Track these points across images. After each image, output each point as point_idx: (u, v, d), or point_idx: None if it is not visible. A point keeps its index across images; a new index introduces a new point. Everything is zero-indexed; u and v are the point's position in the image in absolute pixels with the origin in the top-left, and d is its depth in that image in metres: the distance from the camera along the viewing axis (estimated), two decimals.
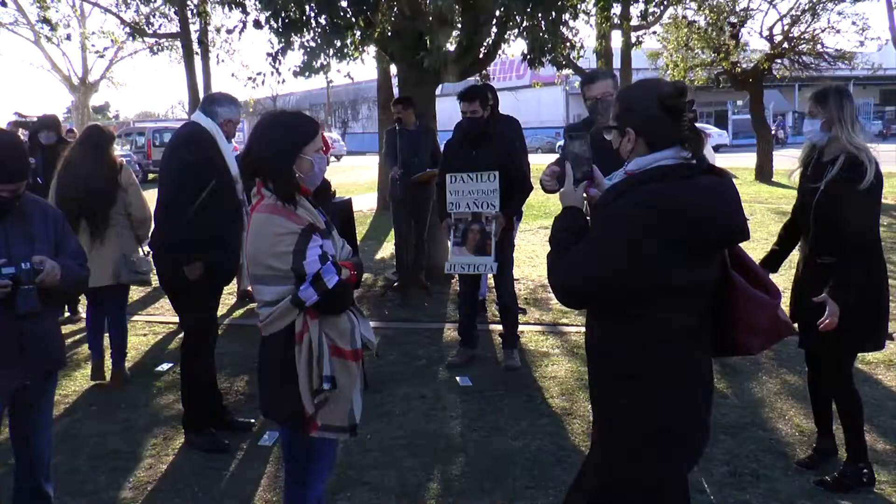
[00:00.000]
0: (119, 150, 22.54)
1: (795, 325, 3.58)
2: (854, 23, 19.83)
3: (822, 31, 20.24)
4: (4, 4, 13.20)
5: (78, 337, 6.58)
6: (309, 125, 2.65)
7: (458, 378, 5.32)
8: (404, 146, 7.36)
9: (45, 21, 14.03)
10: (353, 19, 8.02)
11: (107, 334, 5.45)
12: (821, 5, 19.70)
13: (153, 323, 7.08)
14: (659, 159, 2.18)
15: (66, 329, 6.48)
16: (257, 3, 8.01)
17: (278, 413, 2.73)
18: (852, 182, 3.34)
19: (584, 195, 2.41)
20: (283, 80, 11.00)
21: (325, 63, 8.01)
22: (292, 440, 2.74)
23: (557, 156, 4.81)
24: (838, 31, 19.99)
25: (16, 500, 3.12)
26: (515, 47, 10.69)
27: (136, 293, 7.79)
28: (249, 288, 6.70)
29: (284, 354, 2.56)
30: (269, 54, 8.38)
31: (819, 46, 20.70)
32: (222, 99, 4.33)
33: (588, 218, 2.41)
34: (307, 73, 8.07)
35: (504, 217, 5.33)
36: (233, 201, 4.20)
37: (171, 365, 5.73)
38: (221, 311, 6.84)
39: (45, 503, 3.13)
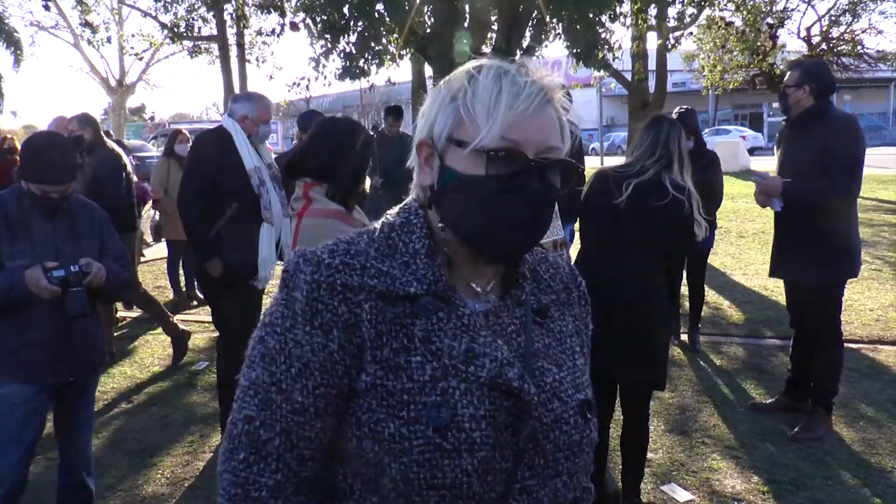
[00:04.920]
0: (154, 151, 22.98)
1: None
2: None
3: (863, 31, 19.95)
4: (48, 8, 13.49)
5: (116, 335, 6.69)
6: (357, 133, 2.72)
7: None
8: (385, 155, 7.16)
9: (87, 24, 14.27)
10: (391, 23, 8.07)
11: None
12: (861, 5, 19.39)
13: (189, 322, 7.17)
14: None
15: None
16: (295, 4, 8.11)
17: None
18: None
19: None
20: (329, 84, 11.11)
21: (365, 68, 8.08)
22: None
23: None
24: (880, 32, 19.76)
25: (60, 494, 3.19)
26: (552, 48, 10.70)
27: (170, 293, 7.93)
28: None
29: None
30: (311, 59, 8.48)
31: (859, 47, 20.38)
32: (239, 97, 4.55)
33: None
34: (351, 77, 8.13)
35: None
36: (247, 197, 4.18)
37: (207, 363, 5.79)
38: None
39: (87, 497, 3.20)
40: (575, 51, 8.16)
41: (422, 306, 1.07)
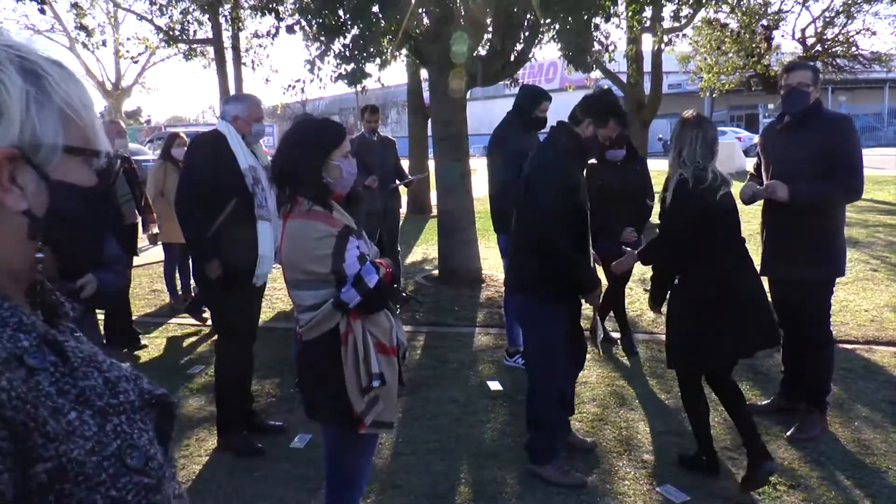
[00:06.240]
0: (151, 154, 22.98)
1: None
2: (891, 24, 19.72)
3: (857, 32, 20.02)
4: (43, 11, 13.45)
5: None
6: (335, 130, 2.69)
7: (489, 382, 5.32)
8: (373, 155, 7.19)
9: (82, 28, 14.21)
10: (386, 26, 8.06)
11: None
12: (855, 7, 19.47)
13: (185, 325, 7.17)
14: None
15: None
16: (291, 6, 8.10)
17: (326, 414, 2.74)
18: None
19: None
20: (325, 86, 11.07)
21: (362, 70, 8.07)
22: (340, 440, 2.75)
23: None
24: (874, 33, 19.93)
25: None
26: (547, 51, 10.72)
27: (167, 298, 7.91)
28: None
29: (330, 356, 2.58)
30: (307, 61, 8.47)
31: (853, 48, 20.46)
32: (229, 98, 4.70)
33: None
34: (348, 80, 8.13)
35: None
36: (243, 196, 4.20)
37: (202, 367, 5.79)
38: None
39: None
40: (568, 53, 8.18)
41: (35, 360, 0.83)
